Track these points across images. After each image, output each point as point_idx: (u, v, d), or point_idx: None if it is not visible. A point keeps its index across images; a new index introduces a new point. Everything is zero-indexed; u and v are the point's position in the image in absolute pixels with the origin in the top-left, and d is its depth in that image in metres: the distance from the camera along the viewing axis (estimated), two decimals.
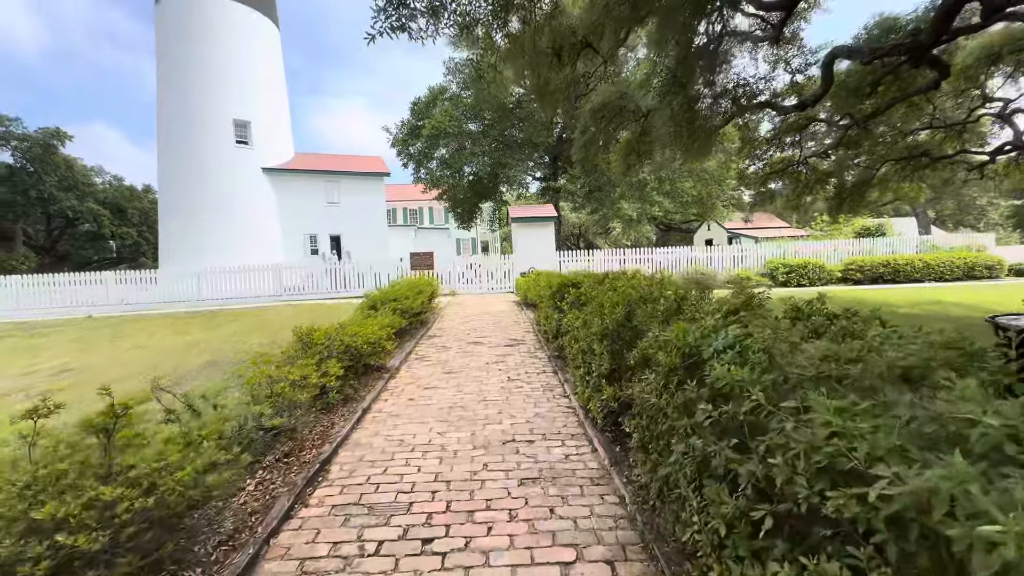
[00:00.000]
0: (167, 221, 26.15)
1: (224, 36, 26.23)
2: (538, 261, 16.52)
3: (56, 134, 36.08)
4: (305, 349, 4.94)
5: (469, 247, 46.89)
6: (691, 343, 2.21)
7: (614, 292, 4.13)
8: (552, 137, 22.46)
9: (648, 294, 3.64)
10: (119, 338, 8.61)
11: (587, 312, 3.97)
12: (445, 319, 10.33)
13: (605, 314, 3.44)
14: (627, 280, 4.91)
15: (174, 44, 25.77)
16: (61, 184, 37.38)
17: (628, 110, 10.08)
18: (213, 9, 25.91)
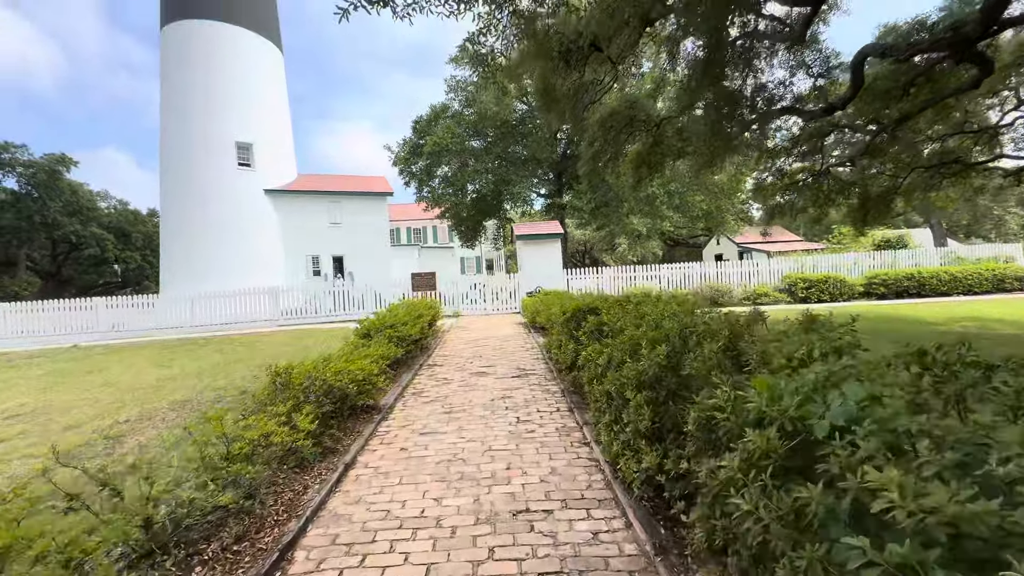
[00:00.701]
0: (168, 244, 25.87)
1: (227, 60, 26.32)
2: (545, 280, 15.85)
3: (61, 160, 36.28)
4: (281, 391, 4.24)
5: (474, 266, 46.41)
6: (789, 413, 1.51)
7: (643, 321, 3.44)
8: (556, 153, 22.04)
9: (691, 324, 2.93)
10: (94, 371, 7.96)
11: (613, 347, 3.27)
12: (447, 344, 9.63)
13: (642, 354, 2.73)
14: (654, 304, 4.22)
15: (177, 67, 25.85)
16: (66, 209, 37.44)
17: (639, 120, 9.51)
18: (216, 33, 26.04)
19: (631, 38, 6.67)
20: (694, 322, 3.00)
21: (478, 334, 10.93)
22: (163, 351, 10.35)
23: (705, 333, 2.64)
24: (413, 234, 45.34)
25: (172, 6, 26.17)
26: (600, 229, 24.81)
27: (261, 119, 27.32)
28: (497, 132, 21.03)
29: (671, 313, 3.47)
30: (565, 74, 6.89)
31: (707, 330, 2.67)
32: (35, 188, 35.46)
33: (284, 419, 3.60)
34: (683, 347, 2.62)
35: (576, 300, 5.40)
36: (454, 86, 21.51)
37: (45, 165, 35.60)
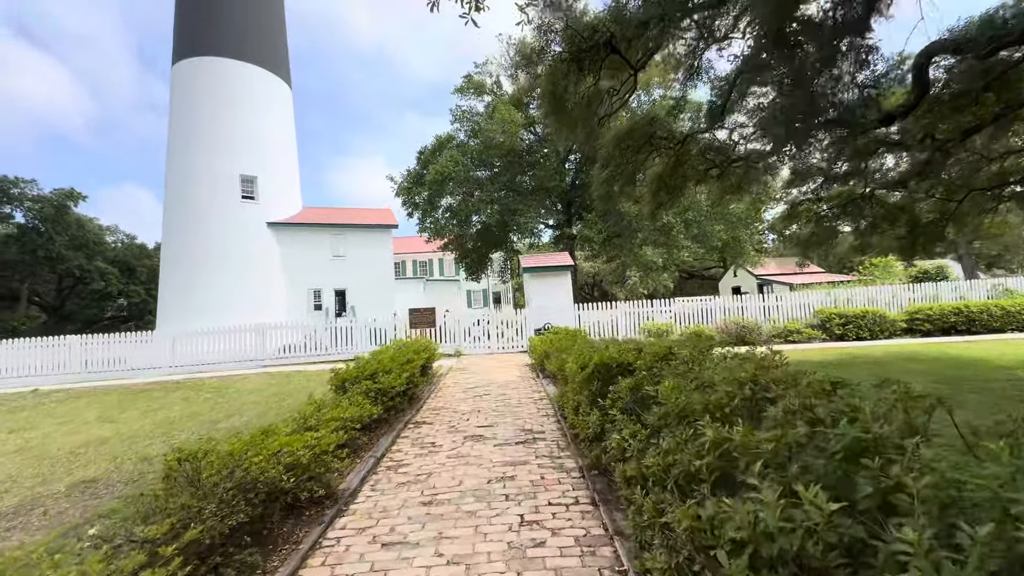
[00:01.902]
0: (167, 277, 25.16)
1: (234, 94, 26.33)
2: (554, 315, 14.61)
3: (70, 195, 36.39)
4: (188, 486, 2.99)
5: (480, 299, 45.32)
6: None
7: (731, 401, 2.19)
8: (565, 182, 21.21)
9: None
10: (21, 429, 6.75)
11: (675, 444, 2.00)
12: (443, 393, 8.33)
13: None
14: (714, 365, 2.96)
15: (185, 102, 25.88)
16: (72, 243, 37.27)
17: (659, 137, 8.49)
18: (225, 69, 26.15)
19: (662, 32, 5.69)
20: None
21: (479, 379, 9.62)
22: (124, 398, 9.15)
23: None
24: (419, 267, 44.60)
25: (184, 44, 26.45)
26: (611, 261, 23.70)
27: (266, 152, 27.09)
28: (504, 161, 20.31)
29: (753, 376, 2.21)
30: (577, 79, 5.92)
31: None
32: (42, 222, 35.40)
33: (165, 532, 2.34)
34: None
35: (598, 350, 4.14)
36: (459, 116, 21.00)
37: (53, 199, 35.67)
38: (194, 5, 26.22)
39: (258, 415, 6.87)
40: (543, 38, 5.50)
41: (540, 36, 5.52)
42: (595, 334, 14.73)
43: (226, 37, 26.03)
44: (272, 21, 28.62)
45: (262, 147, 26.82)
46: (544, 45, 5.53)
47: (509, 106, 19.13)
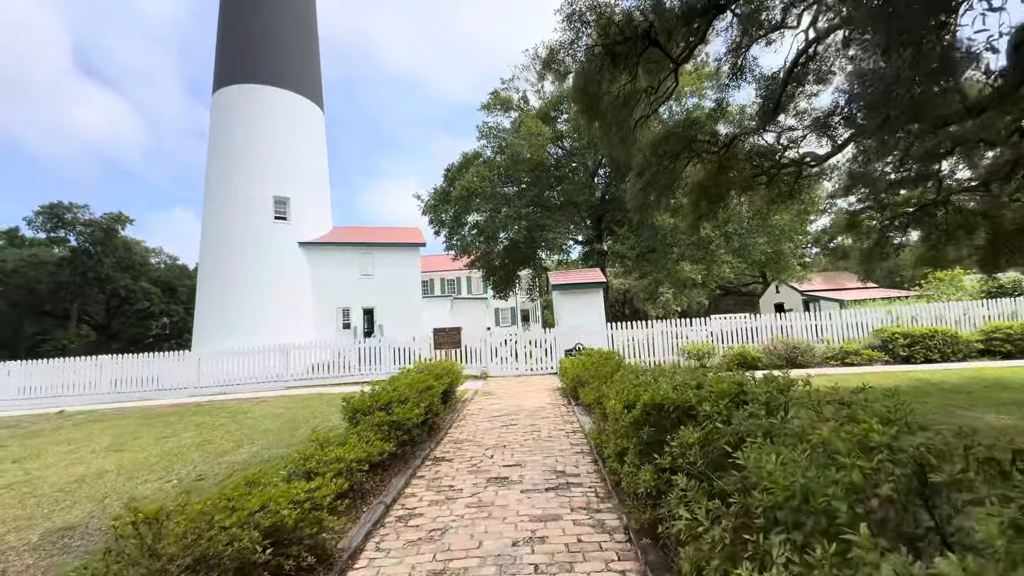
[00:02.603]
0: (203, 296, 25.76)
1: (269, 119, 27.07)
2: (585, 335, 13.80)
3: (118, 218, 38.21)
4: (141, 557, 2.42)
5: (508, 317, 44.72)
6: None
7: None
8: (595, 197, 20.53)
9: None
10: (28, 457, 6.47)
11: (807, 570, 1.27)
12: (466, 421, 7.67)
13: None
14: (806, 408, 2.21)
15: (223, 126, 26.76)
16: (119, 264, 38.98)
17: (700, 141, 7.76)
18: (261, 95, 26.96)
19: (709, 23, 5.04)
20: None
21: (506, 405, 8.92)
22: (142, 423, 8.89)
23: None
24: (447, 285, 44.49)
25: (224, 73, 27.46)
26: (643, 277, 22.70)
27: (299, 174, 27.64)
28: (531, 176, 19.85)
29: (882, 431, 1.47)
30: (612, 75, 5.32)
31: None
32: (92, 245, 37.21)
33: None
34: None
35: (645, 385, 3.39)
36: (486, 132, 20.77)
37: (103, 223, 37.51)
38: (234, 36, 27.31)
39: (267, 445, 6.38)
40: (573, 27, 4.96)
41: (570, 25, 4.98)
42: (628, 354, 13.82)
43: (263, 65, 26.92)
44: (306, 49, 29.50)
45: (295, 169, 27.40)
46: (575, 36, 4.99)
47: (536, 120, 18.75)
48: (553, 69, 5.58)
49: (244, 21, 27.25)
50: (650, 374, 3.84)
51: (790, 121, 9.20)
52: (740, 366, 12.90)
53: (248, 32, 27.17)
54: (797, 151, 8.91)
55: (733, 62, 8.06)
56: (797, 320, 14.70)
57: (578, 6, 4.92)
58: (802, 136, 9.04)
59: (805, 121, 9.16)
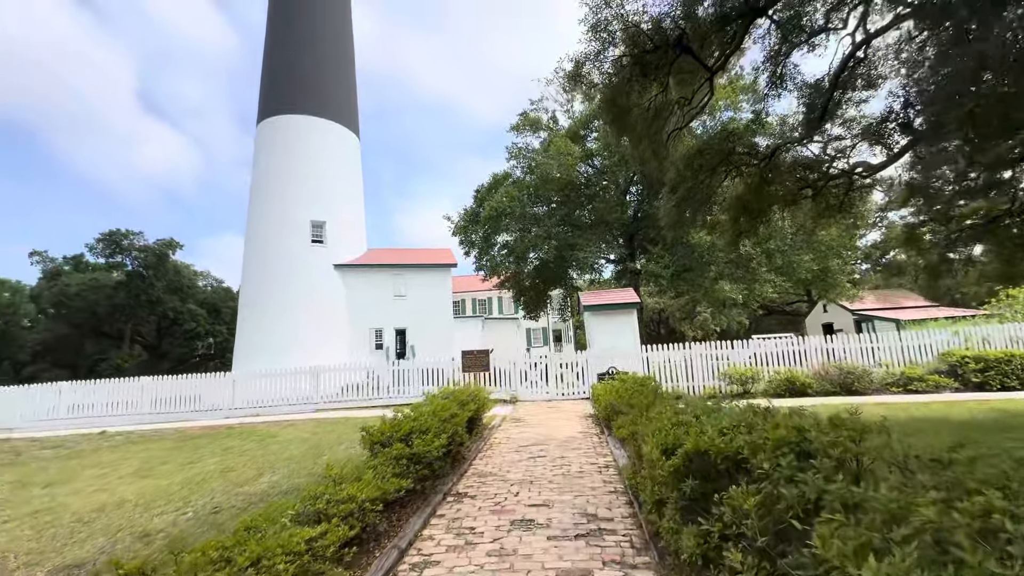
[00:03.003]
0: (243, 318, 26.62)
1: (310, 147, 28.11)
2: (619, 358, 13.23)
3: (169, 244, 40.48)
4: None
5: (540, 338, 44.15)
6: None
7: None
8: (627, 215, 20.06)
9: None
10: (59, 480, 6.54)
11: None
12: (492, 452, 7.29)
13: None
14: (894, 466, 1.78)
15: (265, 155, 27.99)
16: (169, 287, 41.11)
17: (738, 154, 7.31)
18: (300, 124, 28.12)
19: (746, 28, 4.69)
20: None
21: (535, 433, 8.49)
22: (173, 446, 8.97)
23: None
24: (478, 305, 44.49)
25: (267, 105, 28.85)
26: (679, 296, 21.85)
27: (335, 199, 28.50)
28: (561, 196, 19.64)
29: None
30: (641, 86, 5.03)
31: None
32: (146, 269, 39.46)
33: None
34: None
35: (687, 426, 2.97)
36: (515, 153, 20.80)
37: (156, 248, 39.79)
38: (277, 70, 28.80)
39: (288, 475, 6.21)
40: (599, 38, 4.70)
41: (595, 36, 4.72)
42: (665, 378, 13.13)
43: (303, 96, 28.17)
44: (344, 80, 30.75)
45: (331, 194, 28.26)
46: (600, 47, 4.72)
47: (565, 139, 18.63)
48: (579, 82, 5.33)
49: (286, 56, 28.70)
50: (691, 410, 3.40)
51: (837, 130, 8.63)
52: (788, 392, 12.00)
53: (290, 66, 28.59)
54: (846, 162, 8.30)
55: (772, 70, 7.63)
56: (850, 342, 13.61)
57: (603, 15, 4.67)
58: (851, 146, 8.43)
59: (854, 129, 8.56)
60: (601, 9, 4.62)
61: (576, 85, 5.31)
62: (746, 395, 12.50)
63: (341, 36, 31.14)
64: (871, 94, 8.09)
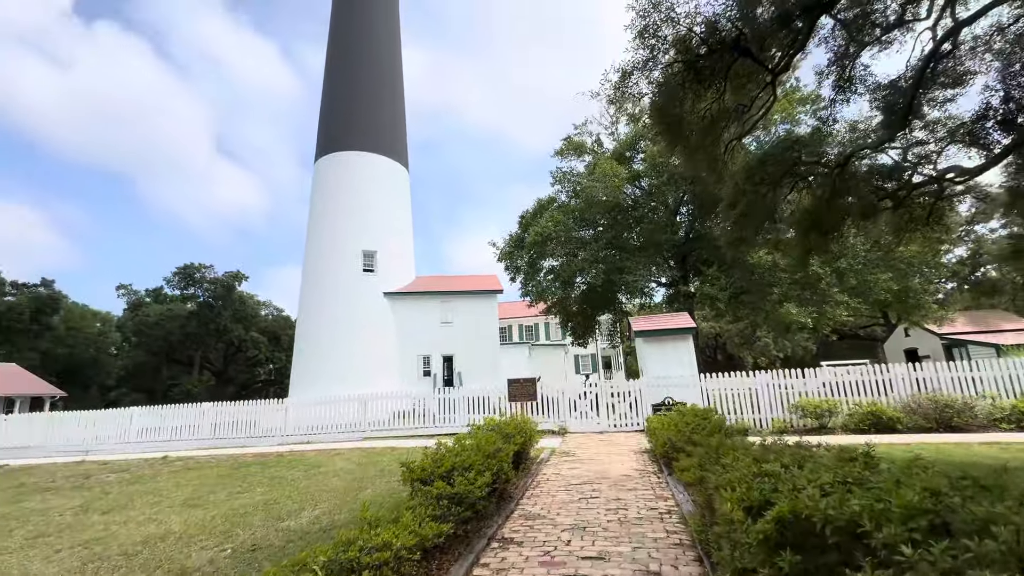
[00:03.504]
0: (300, 346, 27.67)
1: (362, 180, 29.40)
2: (675, 388, 12.37)
3: (236, 276, 43.29)
4: None
5: (589, 364, 42.97)
6: None
7: None
8: (678, 235, 19.24)
9: None
10: (116, 507, 6.69)
11: None
12: (540, 490, 6.79)
13: None
14: None
15: (321, 189, 29.50)
16: (234, 316, 43.74)
17: (805, 164, 6.67)
18: (354, 159, 29.53)
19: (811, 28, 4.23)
20: None
21: (587, 470, 7.89)
22: (225, 473, 9.10)
23: None
24: (525, 331, 44.09)
25: (323, 143, 30.60)
26: (738, 320, 20.51)
27: (385, 229, 29.50)
28: (608, 218, 19.18)
29: None
30: (695, 93, 4.64)
31: None
32: (214, 299, 42.29)
33: None
34: None
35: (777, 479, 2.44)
36: (559, 178, 20.67)
37: (224, 280, 42.66)
38: (332, 111, 30.66)
39: (329, 510, 6.02)
40: (647, 44, 4.37)
41: (643, 43, 4.40)
42: (725, 410, 12.09)
43: (355, 133, 29.71)
44: (394, 116, 32.24)
45: (381, 224, 29.27)
46: (649, 54, 4.38)
47: (611, 161, 18.28)
48: (626, 93, 5.01)
49: (341, 97, 30.54)
50: (775, 457, 2.85)
51: (918, 134, 7.78)
52: (873, 428, 10.66)
53: (344, 106, 30.36)
54: (932, 168, 7.43)
55: (839, 73, 7.00)
56: (944, 370, 12.01)
57: (652, 19, 4.36)
58: (937, 150, 7.56)
59: (938, 132, 7.69)
60: (649, 13, 4.31)
61: (623, 96, 4.99)
62: (822, 430, 11.23)
63: (391, 74, 32.82)
64: (958, 92, 7.25)
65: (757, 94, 5.39)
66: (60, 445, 14.87)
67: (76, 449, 14.49)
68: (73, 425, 15.11)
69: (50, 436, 15.03)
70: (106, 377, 53.05)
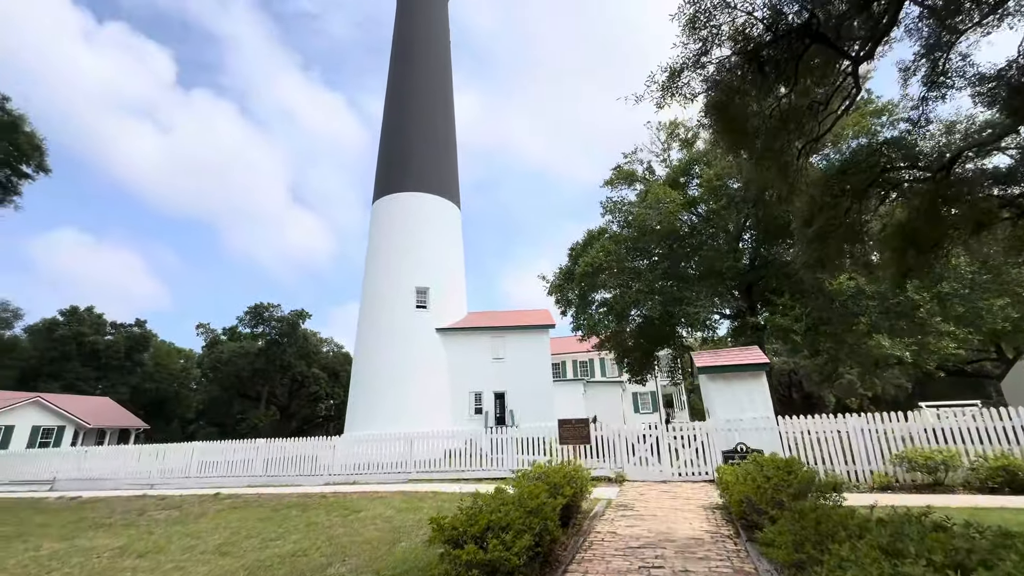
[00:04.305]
0: (355, 382, 28.16)
1: (416, 219, 30.28)
2: (749, 432, 10.97)
3: (300, 314, 45.56)
4: None
5: (649, 403, 40.56)
6: None
7: None
8: (741, 262, 17.82)
9: None
10: (155, 550, 6.51)
11: None
12: (592, 554, 5.86)
13: None
14: None
15: (378, 229, 30.64)
16: (298, 353, 45.73)
17: (897, 169, 5.69)
18: (408, 200, 30.62)
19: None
20: None
21: (648, 530, 6.85)
22: (265, 516, 8.87)
23: None
24: (579, 368, 42.61)
25: (380, 187, 32.03)
26: (817, 355, 18.41)
27: (438, 266, 29.98)
28: (663, 247, 18.18)
29: None
30: (760, 87, 3.98)
31: None
32: (280, 337, 44.53)
33: None
34: None
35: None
36: (610, 208, 20.03)
37: (290, 319, 44.97)
38: (388, 156, 32.26)
39: (358, 566, 5.48)
40: (698, 35, 3.78)
41: (694, 33, 3.83)
42: (811, 459, 10.49)
43: (409, 175, 30.92)
44: (446, 156, 33.39)
45: (434, 261, 29.79)
46: (702, 46, 3.77)
47: (664, 186, 17.47)
48: (676, 92, 4.43)
49: (397, 142, 32.10)
50: (915, 547, 1.99)
51: None
52: (1007, 486, 8.72)
53: (400, 150, 31.84)
54: None
55: (931, 66, 6.05)
56: None
57: (703, 4, 3.79)
58: None
59: None
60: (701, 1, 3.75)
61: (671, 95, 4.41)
62: (937, 488, 9.36)
63: (443, 119, 34.23)
64: None
65: (836, 87, 4.58)
66: (130, 477, 15.54)
67: (142, 483, 15.05)
68: (142, 458, 15.81)
69: (122, 469, 15.77)
70: (186, 411, 56.82)
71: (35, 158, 16.73)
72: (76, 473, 16.24)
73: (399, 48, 35.80)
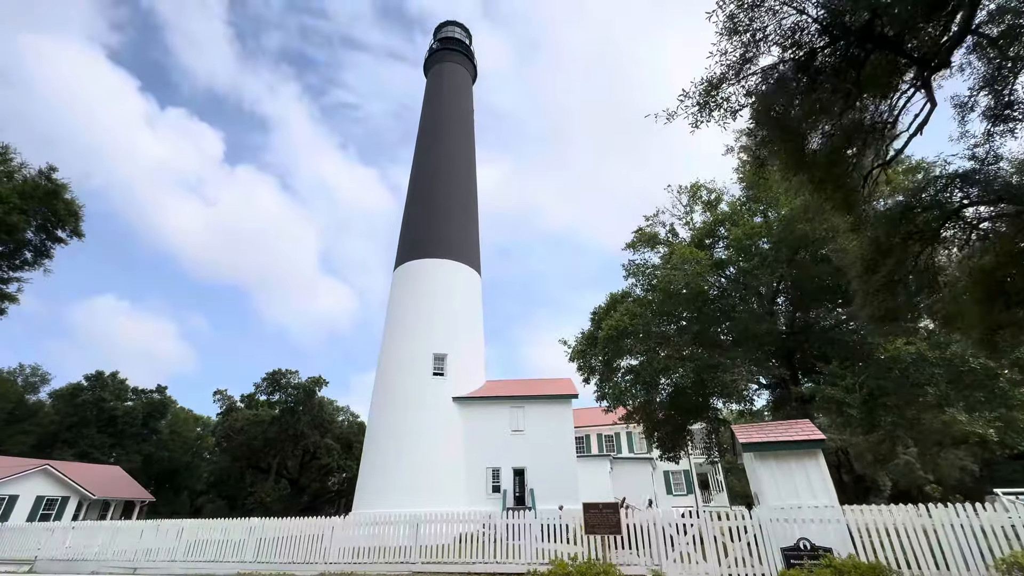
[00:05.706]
0: (367, 452, 26.68)
1: (435, 285, 30.20)
2: (808, 522, 9.25)
3: (317, 381, 44.77)
4: None
5: (682, 483, 37.11)
6: None
7: None
8: (779, 325, 16.56)
9: None
10: None
11: None
12: None
13: None
14: None
15: (398, 295, 30.55)
16: (312, 422, 44.36)
17: (974, 204, 4.86)
18: (427, 267, 30.78)
19: None
20: None
21: None
22: None
23: None
24: (604, 442, 39.90)
25: (402, 253, 32.44)
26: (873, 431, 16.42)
27: (456, 332, 29.35)
28: (691, 310, 17.17)
29: None
30: (813, 102, 3.33)
31: None
32: (296, 405, 43.53)
33: None
34: None
35: None
36: (632, 271, 19.36)
37: (306, 385, 44.17)
38: (412, 223, 32.97)
39: None
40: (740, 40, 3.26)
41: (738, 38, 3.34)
42: (891, 560, 8.63)
43: (431, 242, 31.32)
44: (467, 224, 33.95)
45: (453, 328, 29.18)
46: (744, 53, 3.22)
47: (690, 247, 16.83)
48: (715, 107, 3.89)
49: (419, 211, 32.93)
50: None
51: None
52: None
53: (422, 219, 32.55)
54: None
55: (995, 98, 5.41)
56: None
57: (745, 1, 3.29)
58: None
59: None
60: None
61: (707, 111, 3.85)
62: None
63: (466, 189, 35.27)
64: None
65: (904, 102, 3.94)
66: (115, 558, 14.21)
67: (125, 566, 13.71)
68: (123, 536, 14.57)
69: (107, 547, 14.50)
70: (196, 482, 54.84)
71: (70, 223, 17.44)
72: (60, 551, 15.00)
73: (425, 123, 37.97)
